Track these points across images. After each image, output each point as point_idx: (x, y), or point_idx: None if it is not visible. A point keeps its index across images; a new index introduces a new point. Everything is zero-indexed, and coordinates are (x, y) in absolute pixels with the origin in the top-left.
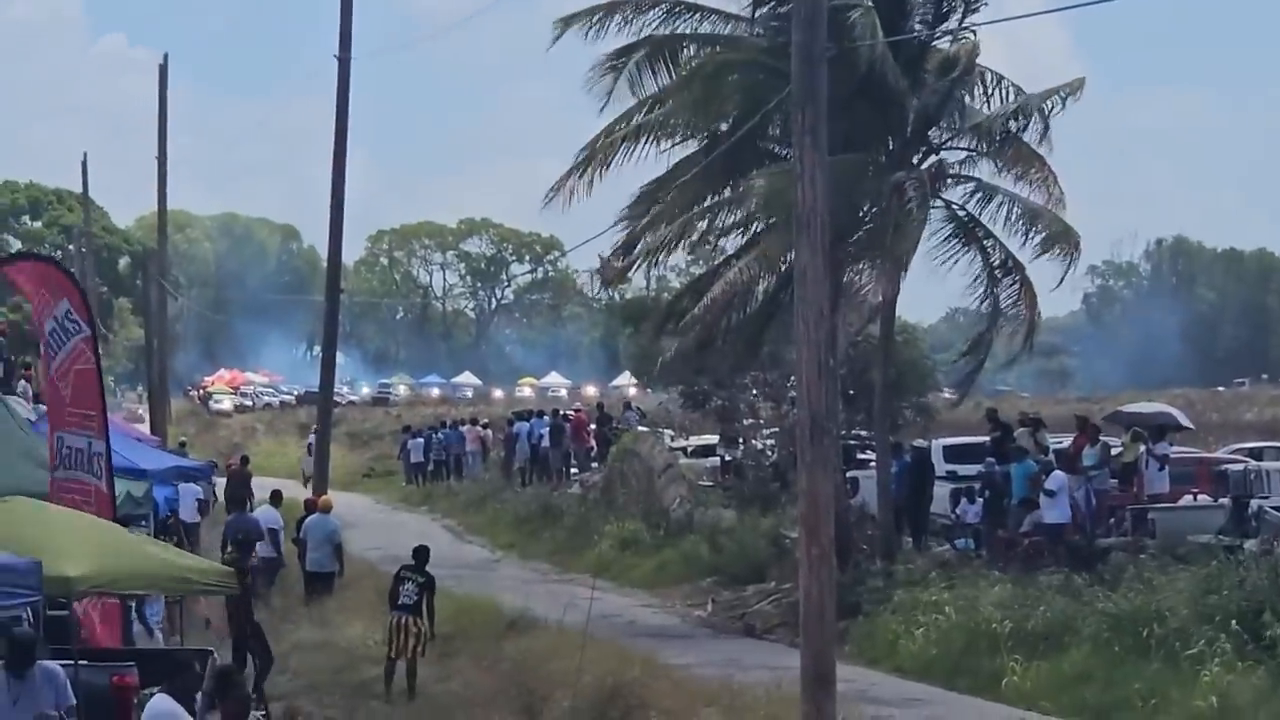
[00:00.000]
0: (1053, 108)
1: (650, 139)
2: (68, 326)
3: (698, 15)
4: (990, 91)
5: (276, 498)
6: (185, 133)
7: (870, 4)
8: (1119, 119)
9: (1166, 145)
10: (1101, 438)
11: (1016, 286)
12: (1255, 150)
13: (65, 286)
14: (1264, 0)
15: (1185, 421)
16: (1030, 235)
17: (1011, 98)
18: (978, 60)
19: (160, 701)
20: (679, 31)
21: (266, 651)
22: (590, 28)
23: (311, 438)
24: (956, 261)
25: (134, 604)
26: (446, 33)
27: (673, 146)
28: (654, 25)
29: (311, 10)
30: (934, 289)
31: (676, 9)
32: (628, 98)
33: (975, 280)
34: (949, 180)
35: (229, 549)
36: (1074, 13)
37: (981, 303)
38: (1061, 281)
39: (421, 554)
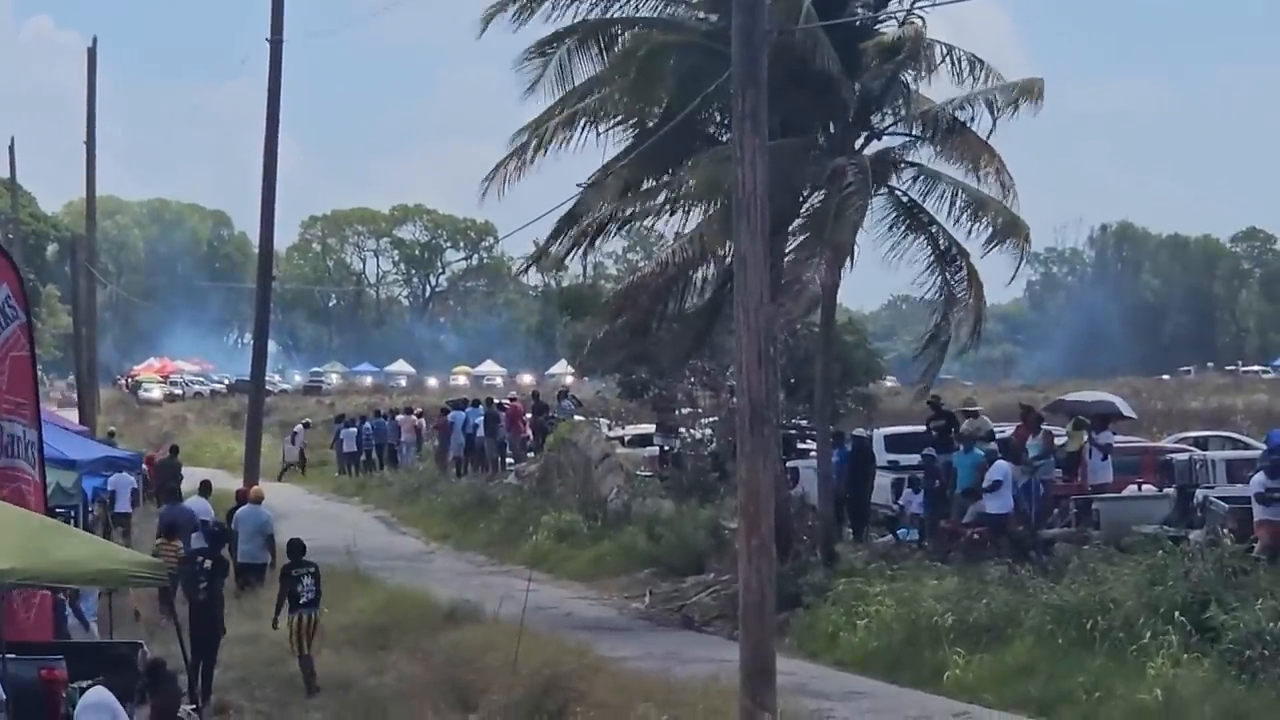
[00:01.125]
0: (1005, 104)
1: (588, 124)
2: (6, 312)
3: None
4: (939, 65)
5: (206, 488)
6: (115, 118)
7: None
8: (1062, 104)
9: (1111, 131)
10: (1044, 427)
11: (963, 274)
12: (1199, 136)
13: (5, 272)
14: None
15: (1128, 410)
16: (977, 224)
17: (965, 69)
18: (925, 39)
19: (95, 693)
20: (613, 16)
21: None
22: (519, 17)
23: (298, 428)
24: (904, 249)
25: (68, 598)
26: (380, 15)
27: (609, 130)
28: (586, 11)
29: None
30: (876, 277)
31: None
32: (560, 84)
33: (927, 268)
34: (890, 167)
35: (160, 539)
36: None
37: (933, 291)
38: (1014, 277)
39: (301, 547)
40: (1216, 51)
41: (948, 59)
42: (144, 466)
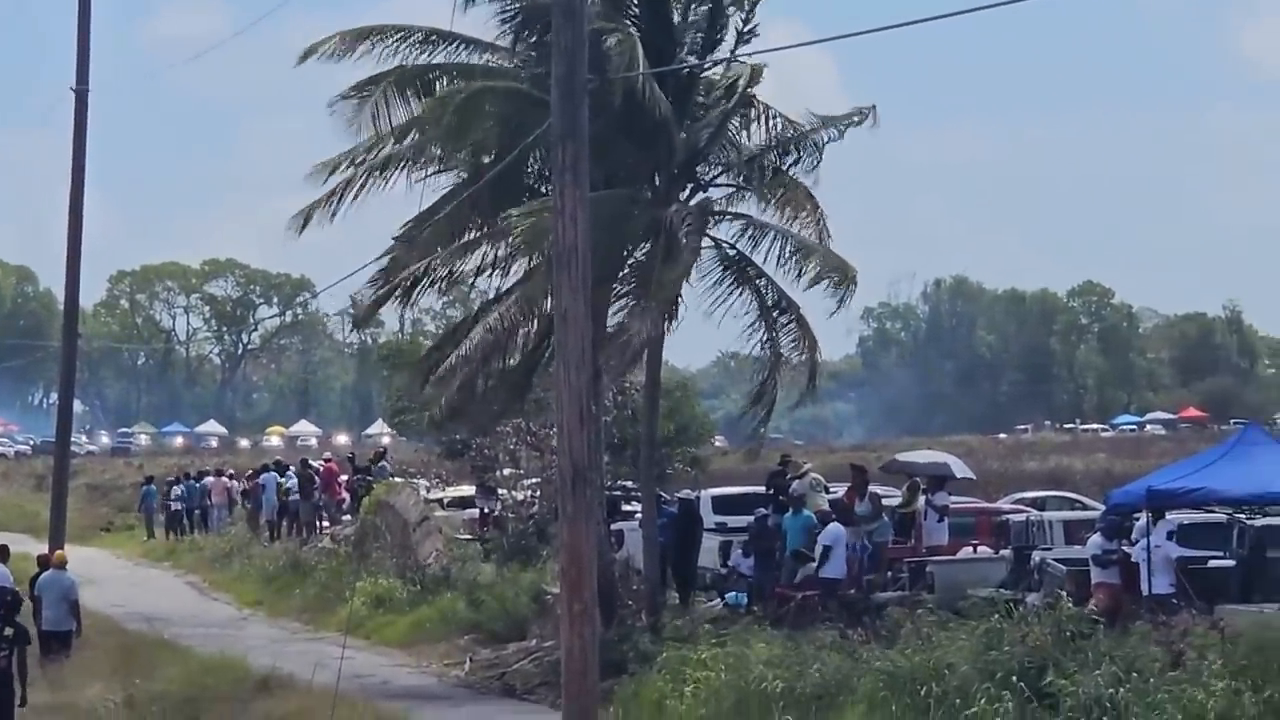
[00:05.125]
0: (829, 139)
1: (401, 170)
2: None
3: (453, 44)
4: (762, 122)
5: (3, 553)
6: None
7: (634, 31)
8: (894, 157)
9: (944, 183)
10: (871, 489)
11: (793, 326)
12: (1034, 189)
13: None
14: (1034, 35)
15: (962, 471)
16: (803, 272)
17: (781, 130)
18: (752, 90)
19: None
20: (433, 61)
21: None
22: (336, 56)
23: (267, 475)
24: (729, 303)
25: None
26: (187, 64)
27: (426, 178)
28: (405, 55)
29: (47, 40)
30: (703, 334)
31: (432, 38)
32: (375, 127)
33: (753, 323)
34: (715, 217)
35: None
36: (841, 48)
37: (760, 346)
38: (836, 310)
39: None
40: (1049, 103)
41: (766, 119)
42: None
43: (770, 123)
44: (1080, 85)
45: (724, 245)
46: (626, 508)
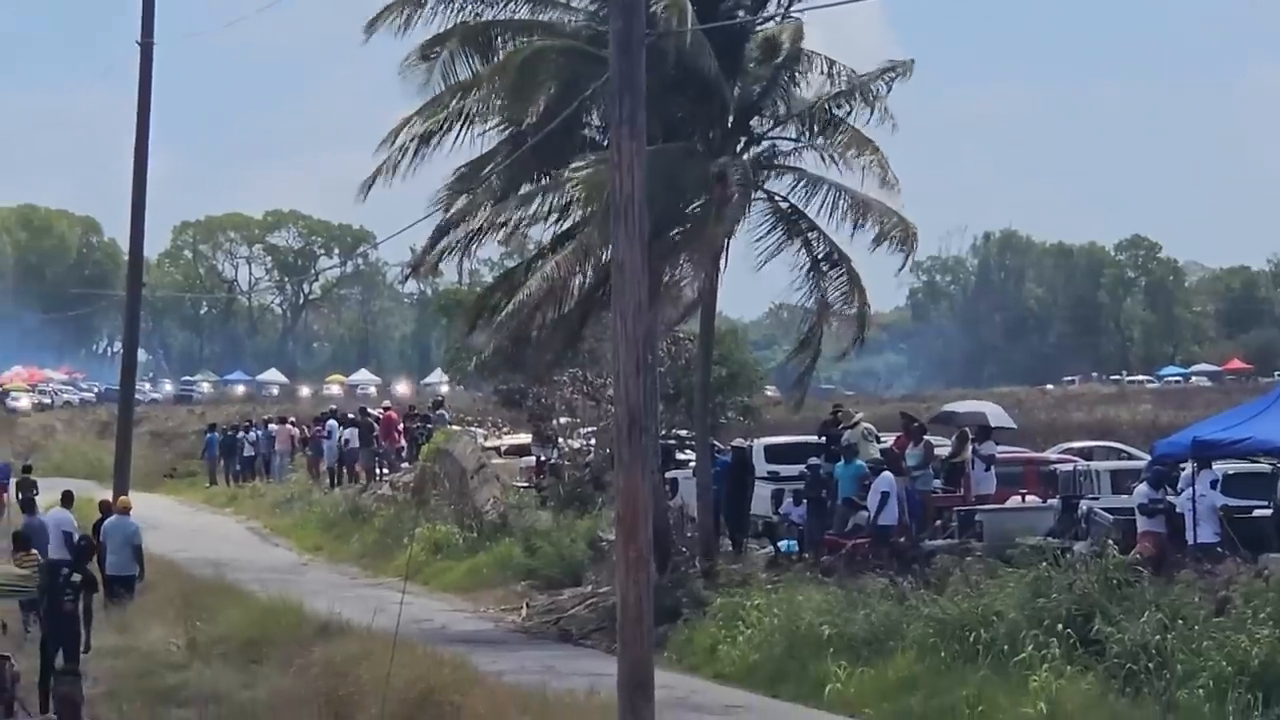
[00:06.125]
0: (878, 92)
1: (465, 126)
2: None
3: (513, 2)
4: (814, 73)
5: (67, 498)
6: None
7: None
8: (942, 111)
9: (993, 138)
10: (926, 437)
11: (844, 279)
12: (1083, 143)
13: None
14: None
15: (1000, 420)
16: (859, 225)
17: (843, 81)
18: (803, 45)
19: None
20: (494, 19)
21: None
22: (399, 23)
23: (331, 424)
24: (778, 254)
25: None
26: (254, 17)
27: (486, 131)
28: (464, 12)
29: None
30: (757, 285)
31: None
32: (445, 87)
33: (804, 272)
34: (768, 172)
35: (18, 552)
36: (894, 3)
37: (808, 298)
38: (902, 268)
39: None
40: (1095, 59)
41: (821, 61)
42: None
43: (826, 72)
44: (1127, 42)
45: (777, 198)
46: (681, 456)
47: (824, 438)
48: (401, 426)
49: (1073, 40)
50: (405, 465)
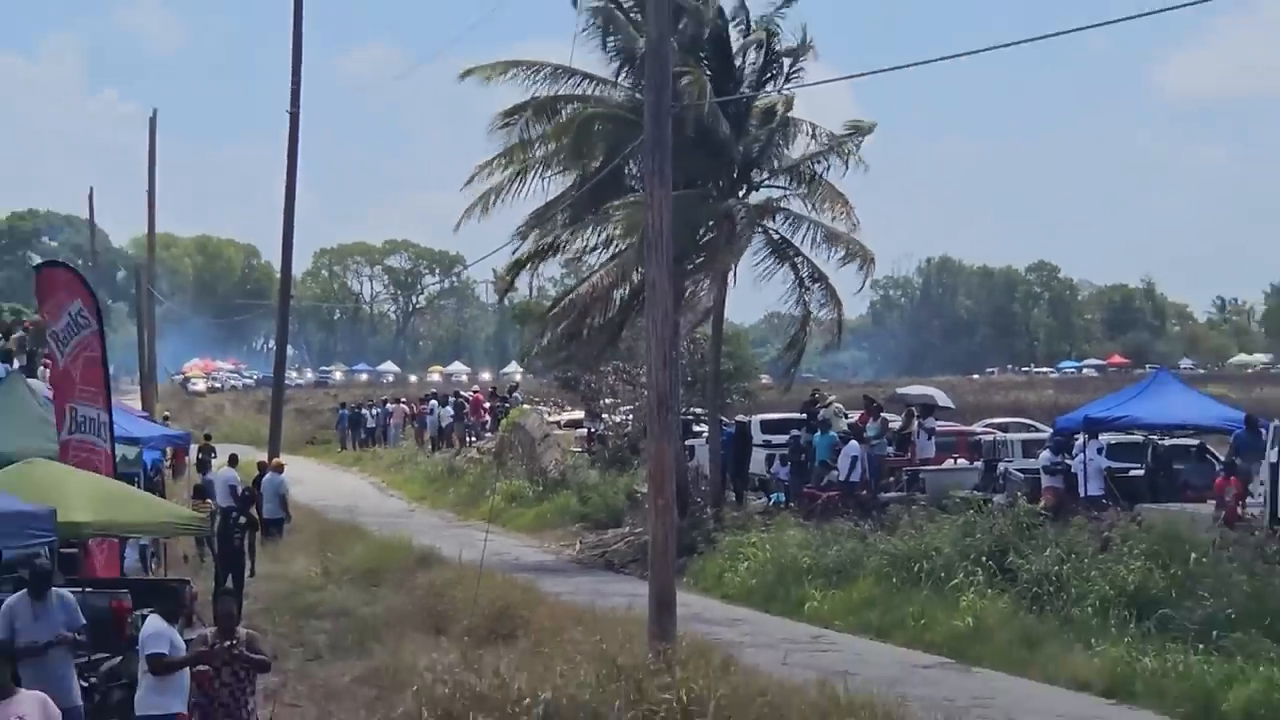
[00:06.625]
0: (849, 150)
1: (535, 176)
2: (79, 321)
3: (575, 78)
4: (800, 136)
5: (233, 460)
6: (168, 169)
7: (705, 72)
8: (897, 161)
9: (934, 183)
10: (882, 414)
11: (825, 293)
12: (1003, 187)
13: (79, 290)
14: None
15: (944, 401)
16: (832, 253)
17: (824, 139)
18: (791, 114)
19: (154, 622)
20: (559, 93)
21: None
22: (490, 77)
23: (433, 403)
24: (772, 275)
25: (124, 543)
26: (375, 88)
27: (550, 176)
28: (540, 83)
29: (266, 71)
30: (754, 298)
31: (558, 72)
32: (516, 142)
33: (791, 288)
34: (769, 212)
35: (195, 500)
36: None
37: (795, 307)
38: (862, 288)
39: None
40: (1016, 122)
41: (807, 125)
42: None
43: (810, 134)
44: (1040, 110)
45: (772, 232)
46: (696, 429)
47: (805, 414)
48: (486, 405)
49: (999, 108)
50: (488, 435)
